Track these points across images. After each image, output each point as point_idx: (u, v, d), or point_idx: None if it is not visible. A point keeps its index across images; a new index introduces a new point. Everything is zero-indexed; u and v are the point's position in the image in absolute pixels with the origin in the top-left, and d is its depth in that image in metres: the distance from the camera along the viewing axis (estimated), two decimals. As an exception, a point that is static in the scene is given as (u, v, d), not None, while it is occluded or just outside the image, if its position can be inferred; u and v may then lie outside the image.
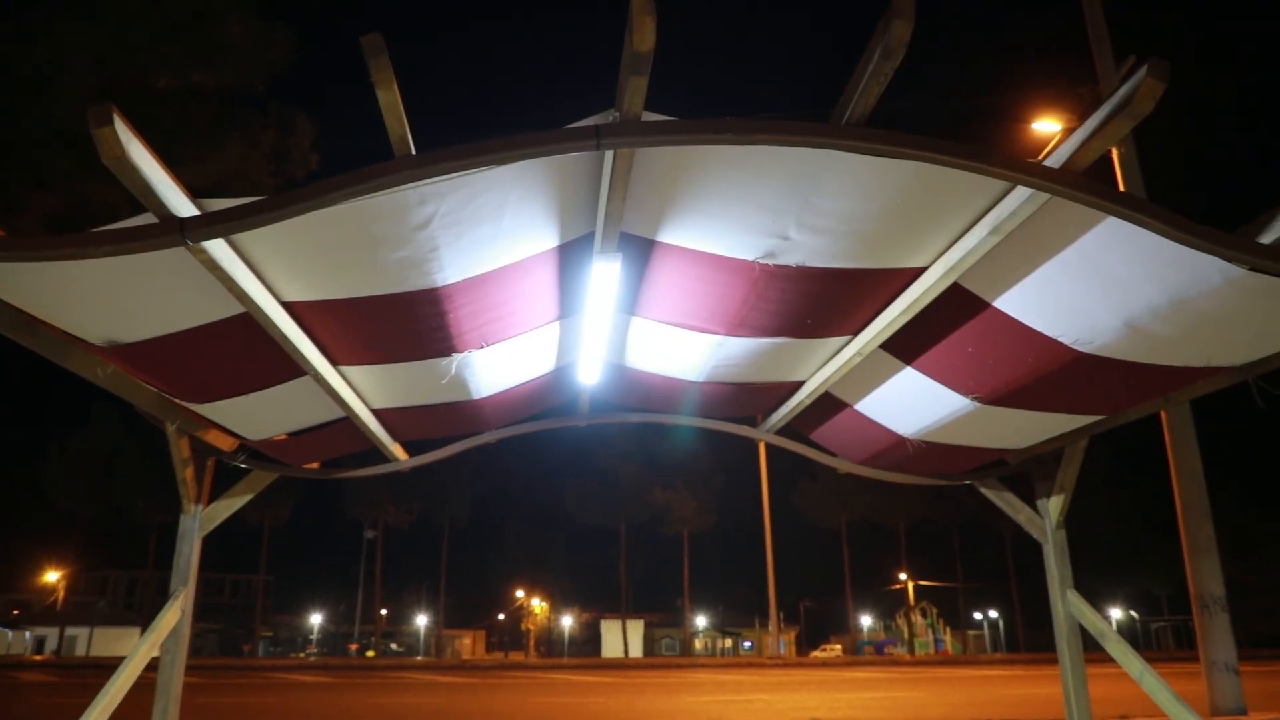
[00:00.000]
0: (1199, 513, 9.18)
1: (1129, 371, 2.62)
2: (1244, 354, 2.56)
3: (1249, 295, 2.06)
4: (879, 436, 3.75)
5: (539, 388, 3.93)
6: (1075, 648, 4.07)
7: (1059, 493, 4.09)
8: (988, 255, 2.34)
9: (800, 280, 2.53)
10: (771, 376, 3.51)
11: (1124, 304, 2.24)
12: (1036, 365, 2.67)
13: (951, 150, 1.75)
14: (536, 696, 15.89)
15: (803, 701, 14.26)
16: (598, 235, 2.41)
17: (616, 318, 3.10)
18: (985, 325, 2.61)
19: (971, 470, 4.24)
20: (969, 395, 3.04)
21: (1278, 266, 1.82)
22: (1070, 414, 3.19)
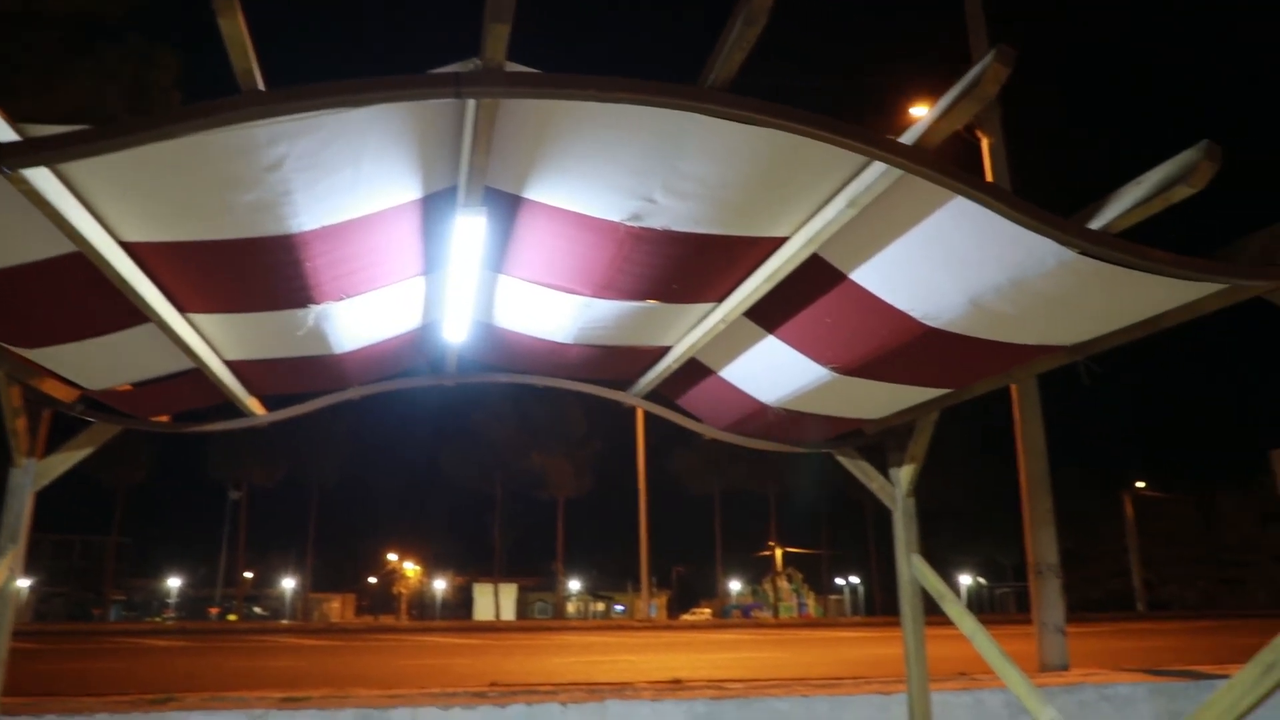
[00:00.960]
0: (1040, 487, 9.81)
1: (973, 347, 2.76)
2: (1075, 334, 2.73)
3: (1080, 278, 2.19)
4: (742, 403, 3.84)
5: (404, 344, 3.84)
6: (917, 609, 4.30)
7: (910, 463, 4.29)
8: (846, 228, 2.41)
9: (666, 244, 2.55)
10: (639, 340, 3.54)
11: (969, 281, 2.35)
12: (889, 338, 2.78)
13: (809, 121, 1.78)
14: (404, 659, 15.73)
15: (668, 662, 14.61)
16: (461, 188, 2.36)
17: (483, 275, 3.05)
18: (842, 297, 2.70)
19: (831, 439, 4.40)
20: (827, 365, 3.15)
21: (1104, 250, 1.94)
22: (921, 386, 3.34)
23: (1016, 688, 3.56)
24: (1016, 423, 10.00)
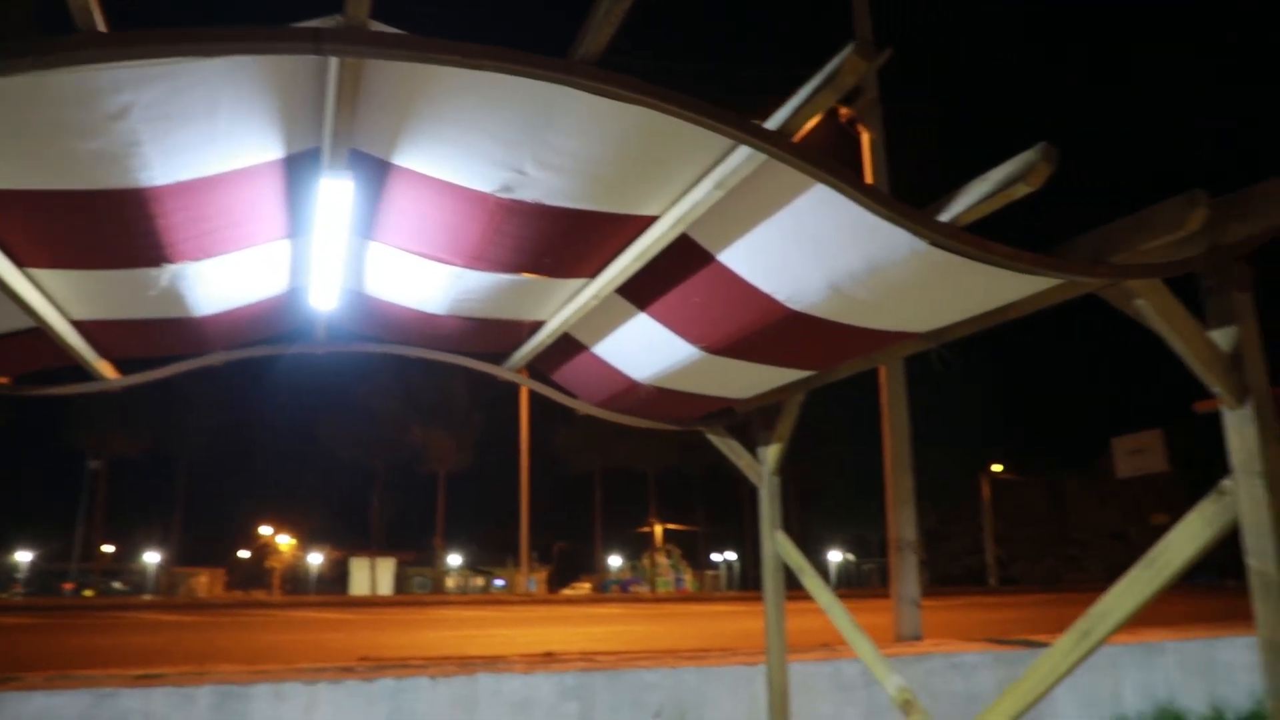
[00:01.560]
0: (903, 467, 10.28)
1: (834, 331, 2.86)
2: (929, 322, 2.87)
3: (931, 268, 2.30)
4: (615, 380, 3.87)
5: (270, 309, 3.71)
6: (779, 583, 4.45)
7: (777, 442, 4.43)
8: (714, 210, 2.46)
9: (537, 217, 2.55)
10: (513, 314, 3.52)
11: (828, 267, 2.44)
12: (755, 319, 2.86)
13: (675, 101, 1.81)
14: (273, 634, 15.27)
15: (543, 636, 14.68)
16: (325, 150, 2.29)
17: (352, 241, 2.97)
18: (711, 278, 2.75)
19: (702, 417, 4.49)
20: (696, 344, 3.21)
21: (951, 242, 2.04)
22: (786, 368, 3.45)
23: (866, 657, 3.74)
24: (883, 406, 10.44)
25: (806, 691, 7.29)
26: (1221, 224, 2.35)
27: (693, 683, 6.96)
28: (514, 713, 6.47)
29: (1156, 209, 2.16)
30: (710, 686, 7.00)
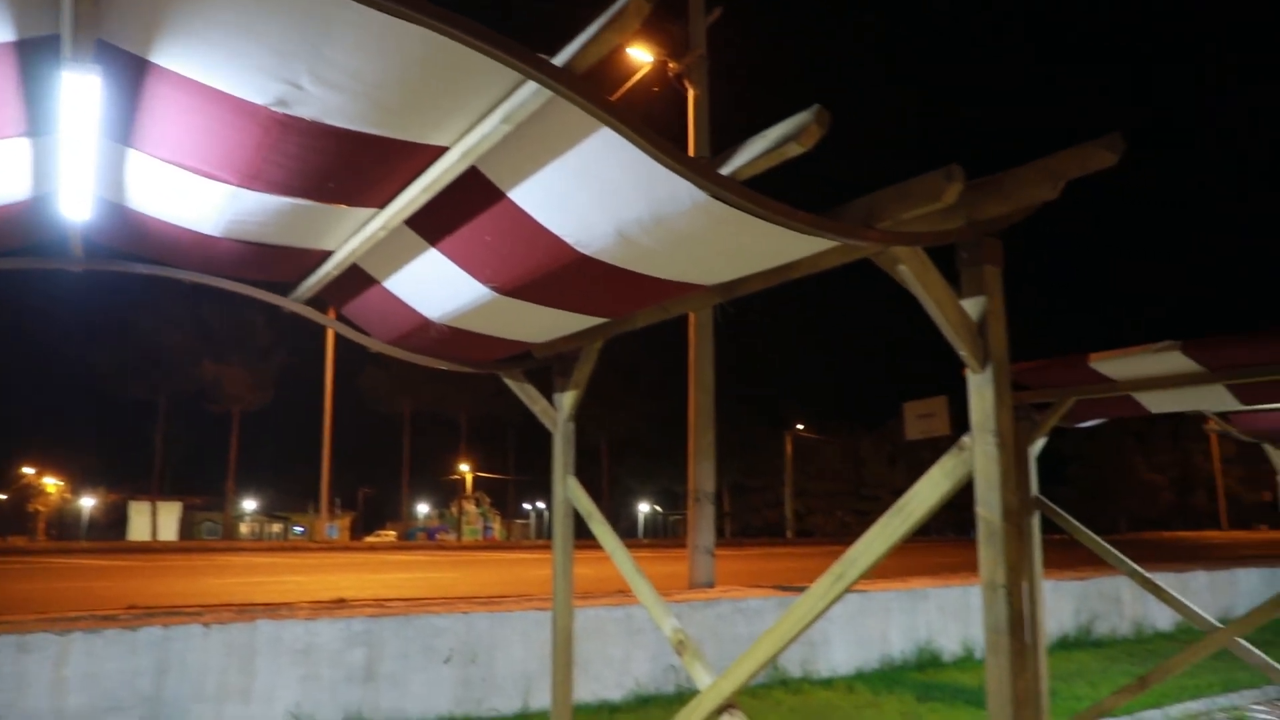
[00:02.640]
0: (706, 420, 10.63)
1: (624, 278, 2.87)
2: (717, 275, 2.93)
3: (714, 220, 2.34)
4: (407, 317, 3.74)
5: (12, 218, 3.30)
6: (568, 528, 4.50)
7: (573, 389, 4.44)
8: (506, 146, 2.38)
9: (317, 137, 2.38)
10: (297, 241, 3.31)
11: (615, 212, 2.43)
12: (545, 261, 2.82)
13: (459, 25, 1.72)
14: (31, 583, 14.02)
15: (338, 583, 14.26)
16: (65, 38, 2.04)
17: (106, 146, 2.68)
18: (502, 216, 2.69)
19: (499, 360, 4.43)
20: (487, 284, 3.14)
21: (729, 195, 2.07)
22: (580, 314, 3.44)
23: (645, 600, 3.84)
24: (690, 361, 10.73)
25: (599, 635, 7.48)
26: (980, 202, 2.52)
27: (485, 628, 6.98)
28: (295, 661, 6.26)
29: (917, 180, 2.28)
30: (503, 631, 7.04)
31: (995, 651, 2.37)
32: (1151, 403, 6.36)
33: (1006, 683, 2.34)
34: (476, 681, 6.81)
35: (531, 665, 7.01)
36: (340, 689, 6.34)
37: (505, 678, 6.92)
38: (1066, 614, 10.97)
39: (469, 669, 6.80)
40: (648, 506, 72.17)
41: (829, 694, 7.72)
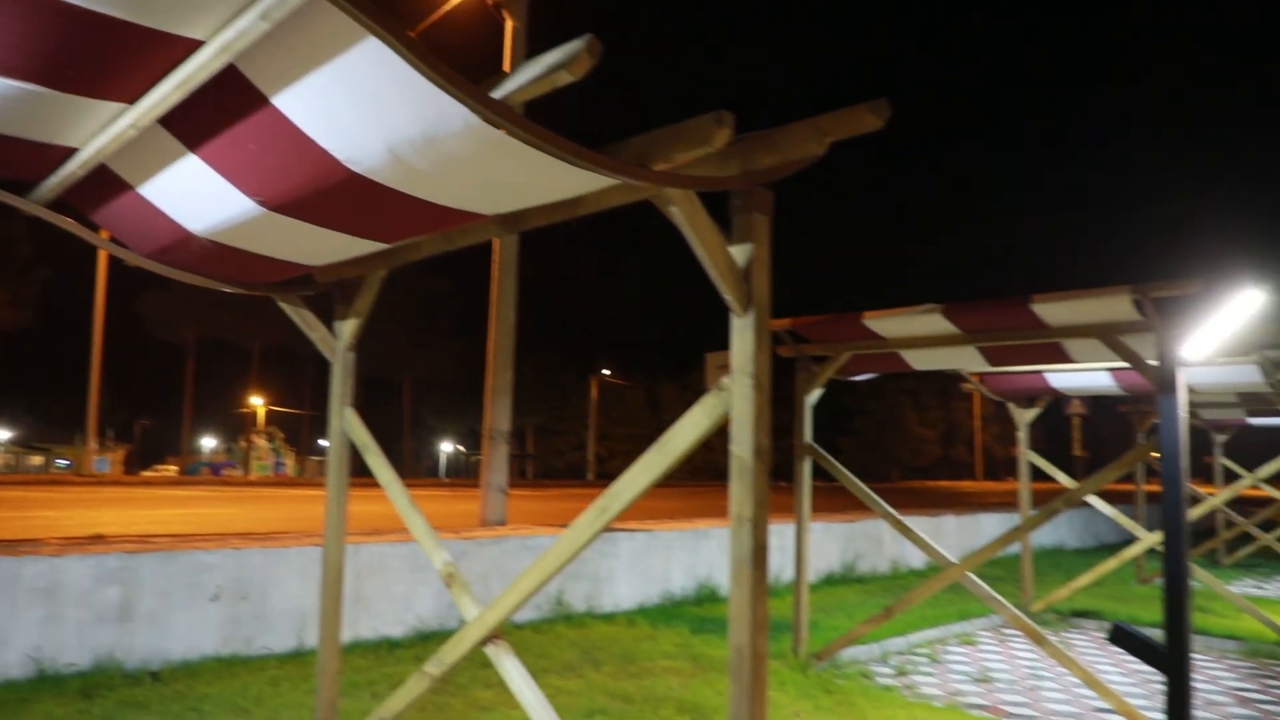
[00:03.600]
0: (504, 359, 10.57)
1: (400, 201, 2.77)
2: (497, 205, 2.88)
3: (489, 146, 2.29)
4: (166, 228, 3.45)
5: None
6: (343, 461, 4.36)
7: (354, 317, 4.27)
8: (267, 46, 2.22)
9: (51, 15, 2.12)
10: (35, 134, 2.95)
11: (386, 130, 2.33)
12: (314, 177, 2.67)
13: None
14: None
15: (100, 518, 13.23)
16: None
17: None
18: (265, 123, 2.51)
19: (276, 283, 4.18)
20: (253, 197, 2.94)
21: (501, 120, 2.02)
22: (358, 237, 3.30)
23: (418, 534, 3.80)
24: (492, 299, 10.60)
25: (382, 572, 7.35)
26: (753, 153, 2.60)
27: (259, 564, 6.69)
28: (37, 600, 5.77)
29: (689, 123, 2.33)
30: (278, 568, 6.78)
31: (738, 580, 2.52)
32: (916, 360, 6.91)
33: (746, 608, 2.49)
34: (247, 620, 6.54)
35: (308, 602, 6.80)
36: (90, 630, 5.91)
37: (280, 616, 6.69)
38: (834, 553, 11.85)
39: (239, 607, 6.51)
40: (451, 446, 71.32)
41: (610, 628, 7.98)
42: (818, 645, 7.10)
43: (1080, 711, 6.22)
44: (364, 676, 6.00)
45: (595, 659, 6.73)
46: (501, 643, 3.37)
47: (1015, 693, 6.67)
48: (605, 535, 9.01)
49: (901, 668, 7.26)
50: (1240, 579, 13.53)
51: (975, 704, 6.25)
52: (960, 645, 8.34)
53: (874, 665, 7.29)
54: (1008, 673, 7.30)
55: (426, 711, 5.21)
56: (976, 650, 8.16)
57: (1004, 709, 6.19)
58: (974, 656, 7.88)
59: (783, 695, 5.85)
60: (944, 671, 7.25)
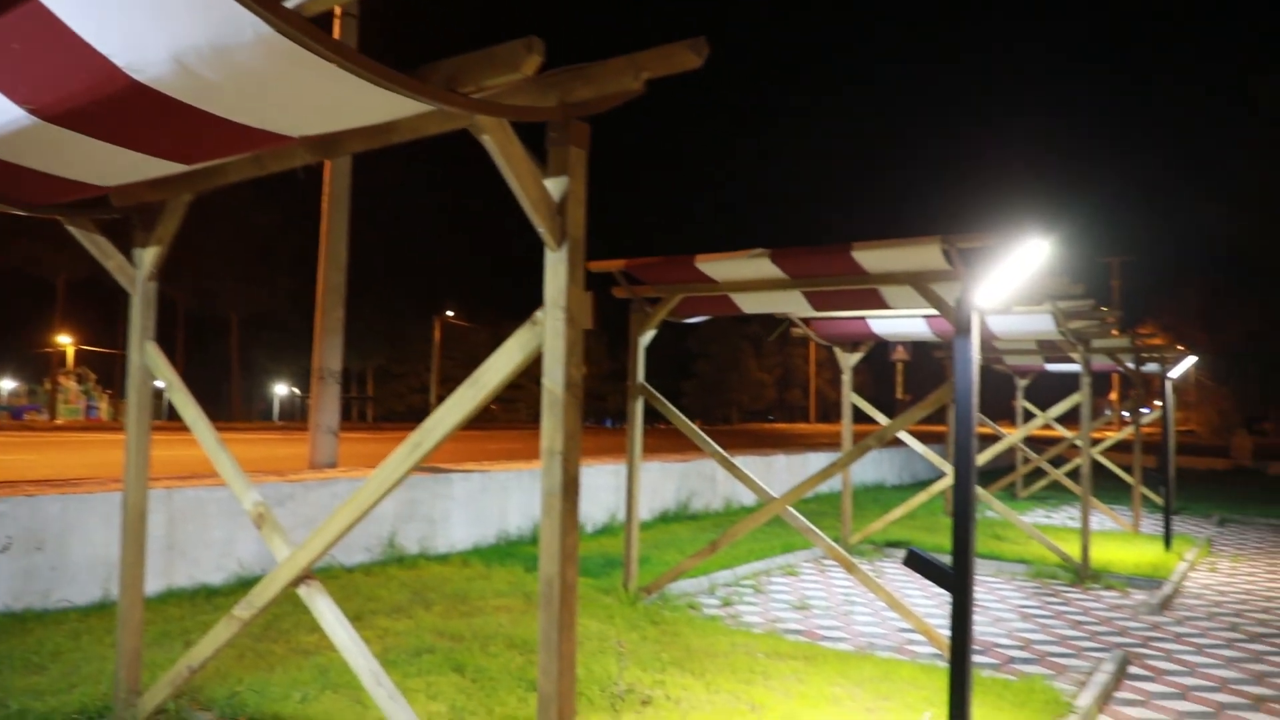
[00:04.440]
0: (335, 297, 10.15)
1: (194, 117, 2.57)
2: (302, 126, 2.73)
3: (286, 60, 2.14)
4: (-79, 138, 3.08)
5: None
6: (145, 398, 4.10)
7: (155, 245, 3.99)
8: (26, -69, 1.99)
9: None
10: None
11: (169, 34, 2.14)
12: (92, 85, 2.44)
13: None
14: None
15: (-127, 465, 11.95)
16: None
17: None
18: (30, 19, 2.26)
19: (63, 204, 3.83)
20: (24, 105, 2.65)
21: (290, 30, 1.89)
22: (150, 155, 3.04)
23: (226, 474, 3.63)
24: (322, 233, 10.12)
25: (199, 517, 7.00)
26: (570, 84, 2.56)
27: (56, 512, 6.24)
28: None
29: (500, 47, 2.27)
30: (81, 516, 6.34)
31: (549, 512, 2.54)
32: (746, 303, 7.11)
33: (556, 540, 2.52)
34: (43, 571, 6.09)
35: (115, 551, 6.40)
36: None
37: (81, 566, 6.27)
38: (670, 492, 12.19)
39: (33, 558, 6.06)
40: (286, 388, 68.29)
41: (444, 569, 7.94)
42: (649, 580, 7.31)
43: (886, 632, 6.71)
44: (177, 625, 5.73)
45: (427, 599, 6.68)
46: (314, 583, 3.29)
47: (830, 618, 7.11)
48: (440, 476, 8.91)
49: (727, 599, 7.59)
50: (1033, 510, 14.87)
51: (793, 629, 6.63)
52: (783, 576, 8.80)
53: (702, 597, 7.60)
54: (824, 600, 7.77)
55: (246, 659, 5.04)
56: (798, 581, 8.63)
57: (819, 633, 6.59)
58: (795, 586, 8.33)
59: (610, 628, 6.01)
60: (767, 601, 7.64)
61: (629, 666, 5.06)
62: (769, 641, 5.98)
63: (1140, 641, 6.74)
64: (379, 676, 3.03)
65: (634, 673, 5.01)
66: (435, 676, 4.83)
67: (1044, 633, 6.90)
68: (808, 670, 5.29)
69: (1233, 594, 8.77)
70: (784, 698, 4.76)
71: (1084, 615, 7.57)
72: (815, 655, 5.64)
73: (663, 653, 5.50)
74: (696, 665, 5.28)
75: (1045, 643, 6.59)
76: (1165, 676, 5.85)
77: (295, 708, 4.28)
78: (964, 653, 3.71)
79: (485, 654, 5.24)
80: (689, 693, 4.79)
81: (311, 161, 3.34)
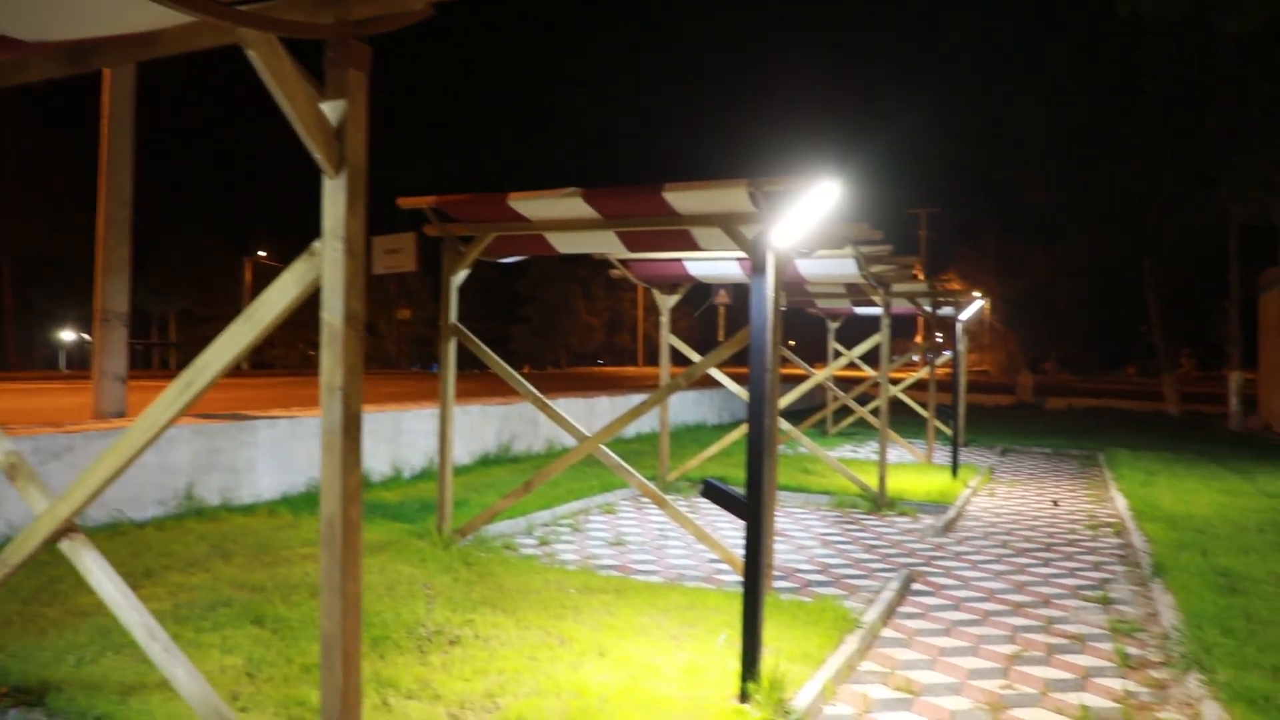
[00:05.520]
0: (120, 234, 9.31)
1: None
2: (42, 29, 2.45)
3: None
4: None
5: None
6: None
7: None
8: None
9: None
10: None
11: None
12: None
13: None
14: None
15: None
16: None
17: None
18: None
19: None
20: None
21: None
22: None
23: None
24: (101, 162, 9.22)
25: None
26: (349, 2, 2.41)
27: None
28: None
29: (262, -50, 2.10)
30: None
31: (329, 450, 2.45)
32: (560, 243, 7.06)
33: (338, 478, 2.44)
34: None
35: None
36: None
37: None
38: (490, 435, 12.11)
39: None
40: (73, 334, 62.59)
41: (249, 519, 7.58)
42: (464, 523, 7.26)
43: (697, 564, 6.98)
44: (-68, 591, 5.20)
45: (226, 552, 6.37)
46: (78, 536, 3.04)
47: (644, 552, 7.32)
48: (243, 424, 8.45)
49: (545, 538, 7.66)
50: (841, 445, 15.81)
51: (607, 565, 6.78)
52: (602, 515, 8.96)
53: (520, 538, 7.63)
54: (640, 536, 7.98)
55: (13, 624, 4.65)
56: (616, 518, 8.82)
57: (632, 567, 6.77)
58: (612, 524, 8.51)
59: (422, 571, 5.94)
60: (584, 539, 7.76)
61: (437, 608, 5.03)
62: (582, 577, 6.09)
63: (925, 561, 7.34)
64: (153, 631, 2.86)
65: (443, 614, 4.98)
66: (232, 630, 4.63)
67: (841, 557, 7.38)
68: (618, 603, 5.43)
69: (1006, 515, 9.68)
70: (593, 630, 4.87)
71: (878, 540, 8.15)
72: (626, 588, 5.79)
73: (474, 593, 5.50)
74: (508, 603, 5.32)
75: (841, 566, 7.06)
76: (943, 591, 6.40)
77: (69, 672, 4.00)
78: (757, 575, 3.91)
79: (287, 604, 5.06)
80: (499, 630, 4.82)
81: (59, 74, 3.01)
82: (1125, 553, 7.90)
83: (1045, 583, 6.74)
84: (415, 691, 3.93)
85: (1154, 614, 5.93)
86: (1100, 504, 10.60)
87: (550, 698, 3.91)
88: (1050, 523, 9.31)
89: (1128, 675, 4.77)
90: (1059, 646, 5.21)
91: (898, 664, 4.81)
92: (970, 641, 5.25)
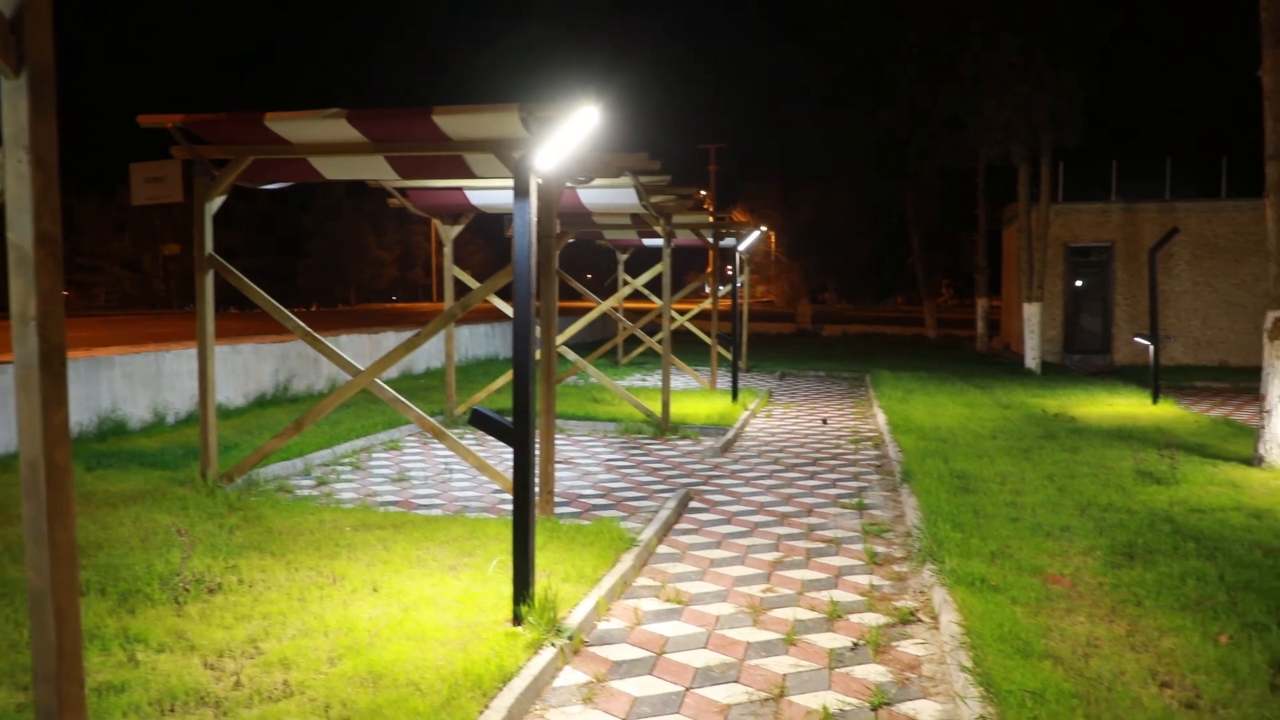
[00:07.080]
0: None
1: None
2: None
3: None
4: None
5: None
6: None
7: None
8: None
9: None
10: None
11: None
12: None
13: None
14: None
15: None
16: None
17: None
18: None
19: None
20: None
21: None
22: None
23: None
24: None
25: None
26: None
27: None
28: None
29: None
30: None
31: (25, 388, 2.20)
32: (326, 168, 6.67)
33: (38, 418, 2.20)
34: None
35: None
36: None
37: None
38: (266, 374, 11.46)
39: None
40: None
41: (-23, 476, 6.81)
42: (230, 466, 6.86)
43: (481, 495, 6.96)
44: None
45: (-53, 512, 5.70)
46: None
47: (428, 487, 7.22)
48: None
49: (323, 478, 7.38)
50: (632, 374, 16.17)
51: (389, 501, 6.64)
52: (386, 452, 8.74)
53: (295, 479, 7.31)
54: (424, 471, 7.86)
55: None
56: (400, 455, 8.63)
57: (414, 502, 6.66)
58: (396, 460, 8.32)
59: (181, 519, 5.58)
60: (365, 477, 7.55)
61: (196, 555, 4.74)
62: (360, 515, 5.93)
63: (702, 480, 7.70)
64: None
65: (204, 561, 4.70)
66: (-49, 596, 4.16)
67: (624, 481, 7.60)
68: (395, 538, 5.33)
69: (780, 434, 10.30)
70: (367, 567, 4.77)
71: (660, 463, 8.45)
72: (405, 523, 5.70)
73: (239, 538, 5.23)
74: (277, 546, 5.10)
75: (624, 489, 7.27)
76: (718, 507, 6.74)
77: None
78: (527, 500, 3.94)
79: (17, 565, 4.61)
80: (266, 574, 4.61)
81: None
82: (881, 463, 8.63)
83: (810, 494, 7.25)
84: (168, 644, 3.70)
85: (900, 515, 6.53)
86: (864, 420, 11.49)
87: (317, 637, 3.80)
88: (819, 439, 10.00)
89: (874, 571, 5.24)
90: (817, 550, 5.64)
91: (670, 577, 5.04)
92: (738, 552, 5.58)
